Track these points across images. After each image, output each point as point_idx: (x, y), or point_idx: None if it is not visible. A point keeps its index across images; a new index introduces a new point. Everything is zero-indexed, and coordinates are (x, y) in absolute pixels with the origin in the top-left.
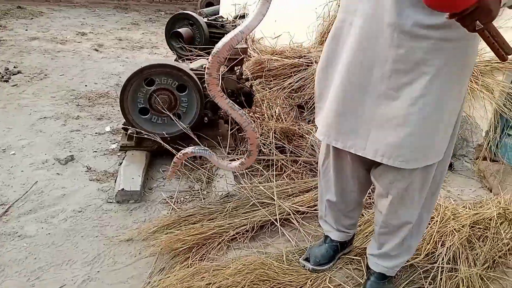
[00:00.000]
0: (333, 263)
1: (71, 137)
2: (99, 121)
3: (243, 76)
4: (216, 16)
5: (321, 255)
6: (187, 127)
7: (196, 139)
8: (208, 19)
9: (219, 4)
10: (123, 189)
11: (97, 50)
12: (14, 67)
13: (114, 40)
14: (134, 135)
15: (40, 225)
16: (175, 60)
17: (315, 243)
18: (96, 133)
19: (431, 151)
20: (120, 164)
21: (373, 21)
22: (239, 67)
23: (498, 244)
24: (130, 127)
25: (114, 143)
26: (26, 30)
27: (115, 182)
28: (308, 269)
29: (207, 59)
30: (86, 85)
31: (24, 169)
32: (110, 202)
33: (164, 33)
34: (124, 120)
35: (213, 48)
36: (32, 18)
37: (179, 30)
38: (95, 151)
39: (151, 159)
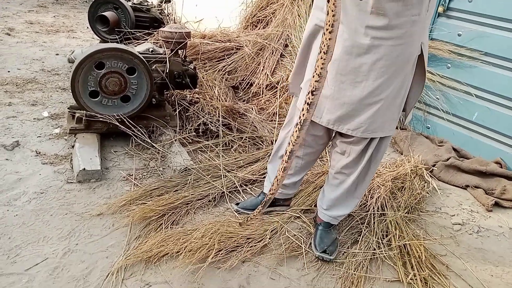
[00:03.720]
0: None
1: (9, 123)
2: (34, 107)
3: (187, 59)
4: (141, 0)
5: (250, 202)
6: (138, 107)
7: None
8: (133, 3)
9: None
10: (84, 168)
11: (9, 35)
12: None
13: (25, 24)
14: (84, 117)
15: (4, 208)
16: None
17: None
18: (35, 118)
19: (373, 125)
20: (73, 146)
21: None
22: (183, 50)
23: (414, 194)
24: (77, 111)
25: (56, 128)
26: None
27: (71, 163)
28: (233, 209)
29: (151, 42)
30: (8, 71)
31: None
32: (71, 183)
33: (88, 16)
34: (65, 105)
35: (141, 31)
36: None
37: (104, 14)
38: (39, 136)
39: (102, 141)
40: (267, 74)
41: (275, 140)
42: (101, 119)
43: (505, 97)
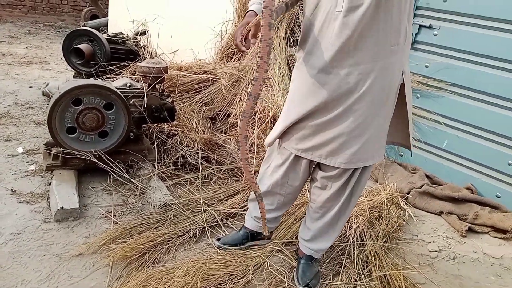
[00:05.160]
0: (240, 247)
1: None
2: (8, 142)
3: (164, 93)
4: (116, 32)
5: (231, 237)
6: (115, 142)
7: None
8: (108, 35)
9: (104, 17)
10: (62, 207)
11: None
12: None
13: None
14: (60, 154)
15: None
16: (74, 77)
17: None
18: (9, 155)
19: (365, 155)
20: (50, 184)
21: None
22: (161, 84)
23: (391, 222)
24: (54, 148)
25: (31, 164)
26: None
27: (48, 202)
28: (214, 245)
29: (129, 77)
30: None
31: None
32: (49, 222)
33: (62, 48)
34: (40, 140)
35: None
36: None
37: (79, 46)
38: (14, 173)
39: (79, 177)
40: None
41: (255, 172)
42: (78, 155)
43: (472, 126)
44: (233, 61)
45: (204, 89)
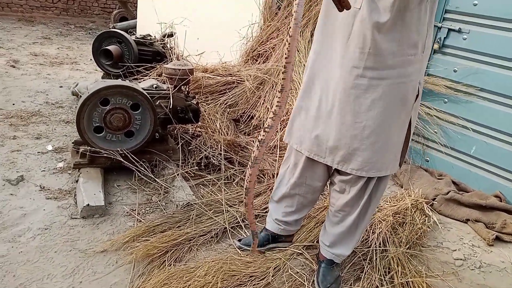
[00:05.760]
0: (261, 249)
1: (13, 157)
2: (38, 140)
3: (190, 94)
4: (144, 34)
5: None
6: (141, 142)
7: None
8: (136, 37)
9: (132, 19)
10: (88, 204)
11: (14, 67)
12: None
13: (29, 56)
14: (88, 153)
15: (9, 244)
16: (102, 77)
17: None
18: (39, 152)
19: (378, 165)
20: (77, 181)
21: (329, 64)
22: (186, 86)
23: (415, 228)
24: (81, 146)
25: (60, 162)
26: None
27: (75, 199)
28: (235, 246)
29: (156, 79)
30: (13, 104)
31: None
32: (75, 218)
33: (92, 50)
34: (74, 140)
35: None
36: None
37: (108, 48)
38: (44, 170)
39: (105, 175)
40: (268, 108)
41: (277, 174)
42: (105, 154)
43: (502, 132)
44: (258, 64)
45: (229, 91)
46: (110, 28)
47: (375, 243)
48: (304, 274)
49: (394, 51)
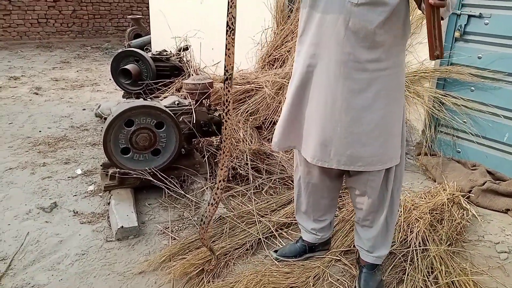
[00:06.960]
0: (299, 259)
1: (45, 184)
2: (67, 165)
3: (211, 107)
4: (160, 50)
5: (289, 248)
6: (168, 159)
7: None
8: (152, 54)
9: (146, 35)
10: (122, 226)
11: (37, 94)
12: None
13: (50, 81)
14: (117, 175)
15: (49, 273)
16: (123, 97)
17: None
18: (69, 177)
19: (387, 156)
20: (109, 203)
21: (326, 60)
22: (207, 99)
23: (454, 224)
24: (110, 168)
25: (90, 185)
26: None
27: (108, 221)
28: (272, 257)
29: (177, 95)
30: (40, 131)
31: (10, 222)
32: (110, 241)
33: (110, 70)
34: (101, 161)
35: (162, 80)
36: None
37: (126, 67)
38: (75, 195)
39: (136, 194)
40: None
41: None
42: (134, 174)
43: None
44: (275, 68)
45: (249, 99)
46: (125, 46)
47: (414, 243)
48: (345, 281)
49: (391, 42)
